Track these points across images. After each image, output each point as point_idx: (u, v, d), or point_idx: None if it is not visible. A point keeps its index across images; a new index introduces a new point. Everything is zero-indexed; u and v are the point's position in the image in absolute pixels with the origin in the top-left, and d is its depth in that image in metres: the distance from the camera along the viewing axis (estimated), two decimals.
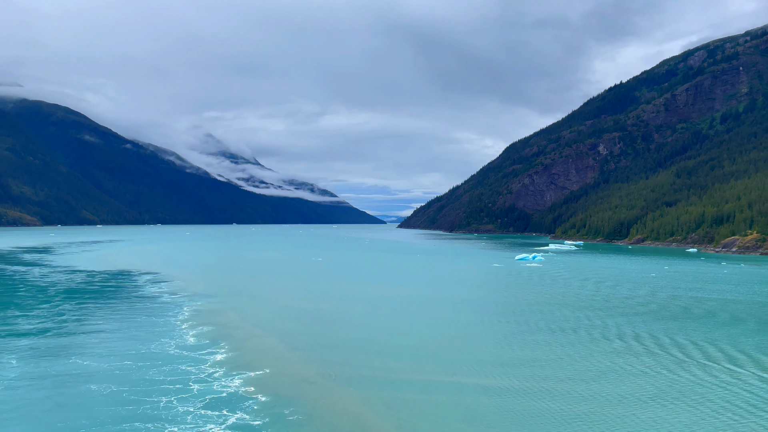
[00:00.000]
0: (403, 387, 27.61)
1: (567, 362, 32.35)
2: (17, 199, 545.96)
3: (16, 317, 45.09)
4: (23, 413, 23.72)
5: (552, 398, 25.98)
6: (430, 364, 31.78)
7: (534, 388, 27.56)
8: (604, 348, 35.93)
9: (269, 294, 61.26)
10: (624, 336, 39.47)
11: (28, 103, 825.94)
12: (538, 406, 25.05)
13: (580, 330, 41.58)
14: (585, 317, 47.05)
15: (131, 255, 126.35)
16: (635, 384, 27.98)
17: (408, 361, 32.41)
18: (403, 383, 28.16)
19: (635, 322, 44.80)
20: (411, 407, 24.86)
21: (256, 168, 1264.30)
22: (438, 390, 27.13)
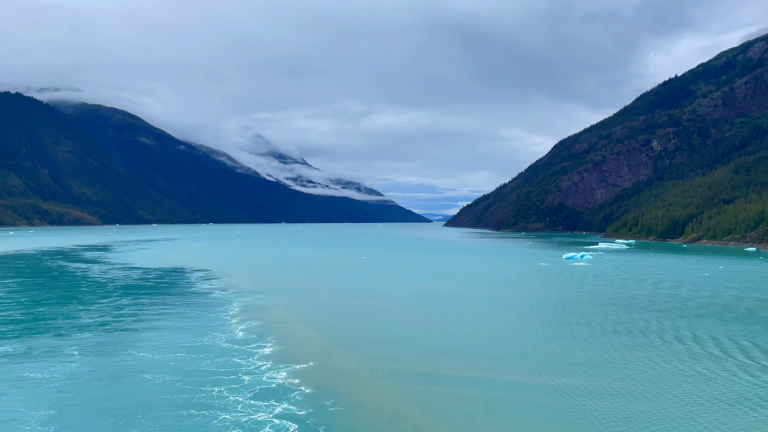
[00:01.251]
0: (441, 382, 28.12)
1: (612, 363, 32.09)
2: (78, 200, 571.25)
3: (78, 311, 47.78)
4: (84, 400, 25.39)
5: (592, 397, 25.95)
6: (469, 361, 32.12)
7: (573, 387, 27.56)
8: (644, 345, 35.41)
9: (315, 291, 62.62)
10: (664, 334, 38.75)
11: (88, 107, 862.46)
12: (574, 404, 25.11)
13: (619, 327, 41.01)
14: (627, 316, 46.29)
15: (184, 253, 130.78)
16: (691, 386, 27.61)
17: (447, 358, 32.85)
18: (440, 379, 28.68)
19: (676, 320, 43.82)
20: (447, 402, 25.35)
21: (303, 168, 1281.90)
22: (475, 386, 27.49)
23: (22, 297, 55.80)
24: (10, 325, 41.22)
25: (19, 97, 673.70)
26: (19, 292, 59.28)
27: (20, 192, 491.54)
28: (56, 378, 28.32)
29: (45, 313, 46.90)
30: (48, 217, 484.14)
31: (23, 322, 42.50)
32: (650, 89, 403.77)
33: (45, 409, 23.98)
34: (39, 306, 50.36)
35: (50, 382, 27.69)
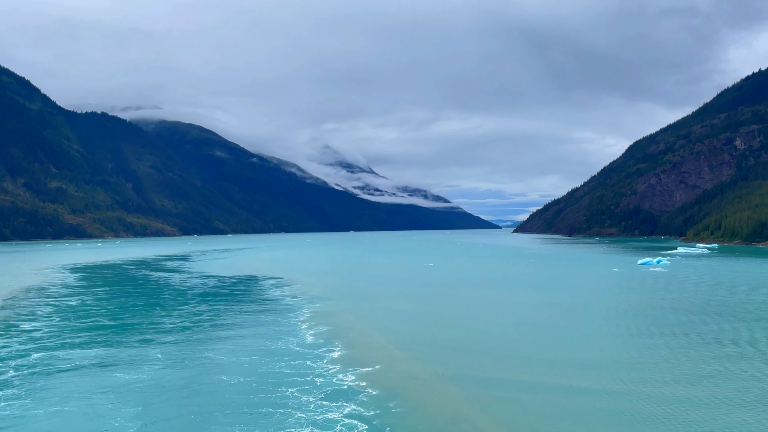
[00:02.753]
0: (504, 387, 28.33)
1: (675, 366, 31.13)
2: (159, 212, 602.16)
3: (161, 316, 50.96)
4: (167, 398, 27.35)
5: (653, 402, 25.41)
6: (533, 366, 32.05)
7: (639, 391, 27.07)
8: (717, 353, 34.00)
9: (381, 297, 63.70)
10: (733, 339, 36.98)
11: (167, 124, 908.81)
12: (639, 411, 24.68)
13: (692, 334, 39.45)
14: (701, 321, 44.39)
15: (257, 261, 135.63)
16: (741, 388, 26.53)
17: (510, 363, 32.92)
18: (503, 384, 28.89)
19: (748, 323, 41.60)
20: (509, 406, 25.61)
21: (370, 176, 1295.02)
22: (537, 392, 27.50)
23: (111, 304, 59.99)
24: (100, 330, 44.58)
25: (105, 116, 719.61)
26: (107, 300, 63.75)
27: (107, 206, 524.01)
28: (142, 378, 30.57)
29: (131, 318, 50.33)
30: (132, 229, 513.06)
31: (112, 328, 45.84)
32: (732, 85, 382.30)
33: (132, 407, 26.02)
34: (126, 312, 54.05)
35: (137, 382, 29.92)
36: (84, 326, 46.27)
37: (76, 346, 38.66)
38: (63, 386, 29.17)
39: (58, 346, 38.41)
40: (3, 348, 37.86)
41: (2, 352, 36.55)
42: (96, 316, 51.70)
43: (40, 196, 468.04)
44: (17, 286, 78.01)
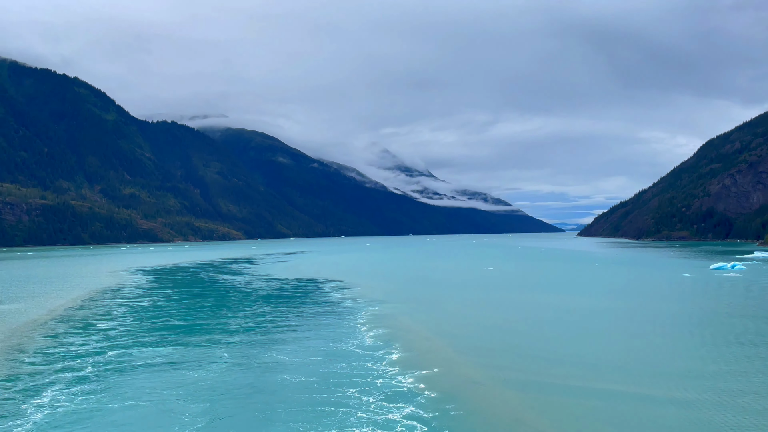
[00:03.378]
0: (564, 393, 27.80)
1: (753, 377, 29.58)
2: (225, 217, 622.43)
3: (227, 317, 52.83)
4: (233, 395, 28.43)
5: (725, 412, 24.27)
6: (595, 372, 31.29)
7: (710, 400, 25.92)
8: None
9: (440, 301, 63.59)
10: None
11: (232, 132, 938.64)
12: (706, 418, 23.66)
13: (757, 340, 37.32)
14: None
15: (318, 265, 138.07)
16: None
17: (572, 369, 32.24)
18: (564, 389, 28.34)
19: None
20: (569, 411, 25.15)
21: (429, 180, 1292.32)
22: (600, 398, 26.88)
23: (180, 305, 62.66)
24: (170, 330, 46.69)
25: (174, 125, 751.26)
26: (177, 301, 66.63)
27: (176, 211, 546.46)
28: (209, 376, 31.86)
29: (199, 319, 52.44)
30: (200, 233, 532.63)
31: (181, 327, 47.91)
32: None
33: (200, 403, 27.20)
34: (194, 313, 56.34)
35: (204, 379, 31.21)
36: (155, 326, 48.60)
37: (148, 344, 40.68)
38: (136, 382, 30.80)
39: (131, 345, 40.53)
40: (82, 345, 40.30)
41: (81, 350, 38.91)
42: (166, 316, 54.16)
43: (115, 202, 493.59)
44: (95, 288, 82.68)
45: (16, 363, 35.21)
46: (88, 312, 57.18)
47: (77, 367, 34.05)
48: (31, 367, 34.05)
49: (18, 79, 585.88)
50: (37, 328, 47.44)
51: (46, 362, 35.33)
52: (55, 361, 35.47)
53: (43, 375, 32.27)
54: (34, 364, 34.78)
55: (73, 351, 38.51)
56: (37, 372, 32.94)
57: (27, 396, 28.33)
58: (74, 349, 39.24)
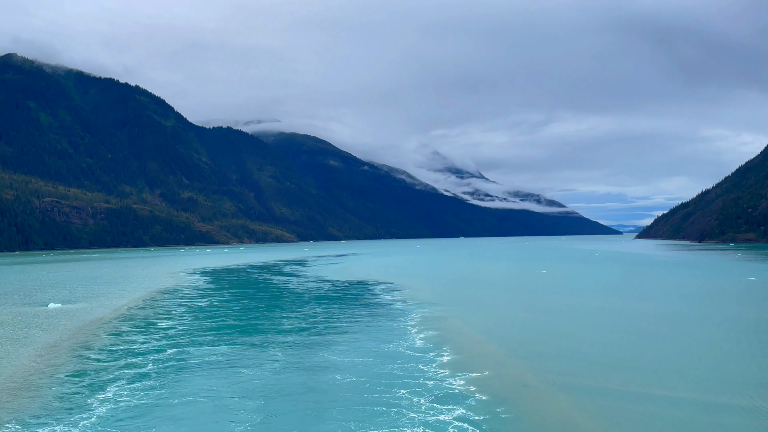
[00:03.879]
0: (618, 398, 27.22)
1: None
2: (278, 219, 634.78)
3: (281, 318, 53.96)
4: (286, 393, 29.08)
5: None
6: (652, 377, 30.39)
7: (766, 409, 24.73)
8: None
9: (491, 303, 62.97)
10: None
11: (285, 136, 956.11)
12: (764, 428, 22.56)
13: None
14: None
15: (369, 267, 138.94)
16: None
17: (628, 373, 31.42)
18: (617, 394, 27.73)
19: None
20: (624, 417, 24.61)
21: (480, 181, 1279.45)
22: (655, 404, 26.14)
23: (236, 305, 64.39)
24: (226, 329, 48.07)
25: (230, 130, 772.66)
26: (233, 301, 68.50)
27: (232, 214, 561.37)
28: (264, 374, 32.67)
29: (254, 319, 53.77)
30: (254, 235, 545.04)
31: (237, 327, 49.26)
32: None
33: (255, 400, 27.95)
34: (249, 313, 57.80)
35: (259, 377, 32.03)
36: (212, 325, 50.15)
37: (206, 343, 42.03)
38: (194, 379, 31.90)
39: (190, 343, 41.98)
40: (143, 344, 42.02)
41: (142, 348, 40.59)
42: (223, 316, 55.78)
43: (174, 206, 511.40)
44: (155, 288, 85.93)
45: (83, 359, 37.07)
46: (149, 311, 59.53)
47: (139, 364, 35.55)
48: (96, 364, 35.78)
49: (84, 88, 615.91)
50: (102, 327, 49.77)
51: (110, 359, 37.04)
52: (119, 358, 37.14)
53: (108, 371, 33.85)
54: (100, 361, 36.52)
55: (135, 349, 40.21)
56: (102, 368, 34.58)
57: (92, 391, 29.80)
58: (136, 346, 40.97)
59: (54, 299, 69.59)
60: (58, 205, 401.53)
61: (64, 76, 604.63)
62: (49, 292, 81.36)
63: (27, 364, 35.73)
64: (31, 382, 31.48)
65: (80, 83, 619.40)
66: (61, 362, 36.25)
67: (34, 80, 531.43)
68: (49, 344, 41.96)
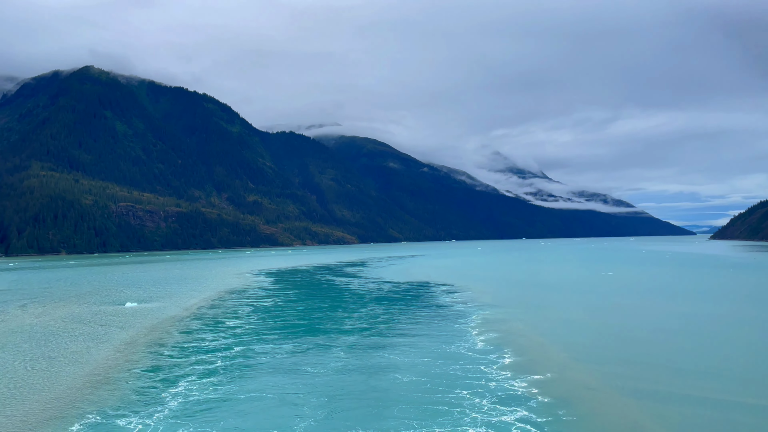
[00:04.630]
0: (684, 402, 26.32)
1: None
2: (340, 221, 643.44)
3: (343, 318, 54.89)
4: (348, 391, 29.67)
5: None
6: (719, 383, 29.19)
7: None
8: None
9: (554, 306, 61.69)
10: None
11: (345, 139, 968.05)
12: None
13: None
14: None
15: (429, 268, 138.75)
16: None
17: (694, 378, 30.30)
18: (684, 399, 26.81)
19: None
20: (689, 422, 23.84)
21: (543, 181, 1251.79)
22: (723, 409, 25.19)
23: (299, 305, 65.95)
24: (291, 329, 49.37)
25: (292, 135, 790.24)
26: (296, 302, 70.17)
27: (295, 216, 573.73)
28: (327, 372, 33.43)
29: (317, 319, 54.94)
30: (317, 237, 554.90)
31: (301, 326, 50.49)
32: None
33: (318, 396, 28.68)
34: (312, 313, 59.09)
35: (322, 374, 32.80)
36: (277, 325, 51.62)
37: (271, 341, 43.35)
38: (260, 376, 33.02)
39: (256, 341, 43.42)
40: (212, 341, 43.79)
41: (211, 345, 42.31)
42: (287, 316, 57.29)
43: (240, 209, 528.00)
44: (223, 288, 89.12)
45: (157, 355, 39.03)
46: (218, 311, 61.87)
47: (208, 360, 37.10)
48: (169, 360, 37.60)
49: (155, 97, 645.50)
50: (174, 325, 52.18)
51: (181, 355, 38.83)
52: (190, 355, 38.88)
53: (179, 367, 35.52)
54: (172, 357, 38.35)
55: (205, 346, 41.96)
56: (175, 364, 36.31)
57: (165, 385, 31.38)
58: (205, 344, 42.75)
59: (130, 299, 73.45)
60: (133, 209, 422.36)
61: (137, 86, 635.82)
62: (126, 292, 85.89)
63: (106, 359, 37.98)
64: (111, 376, 33.45)
65: (152, 92, 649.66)
66: (137, 358, 38.32)
67: (110, 91, 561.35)
68: (127, 341, 44.41)
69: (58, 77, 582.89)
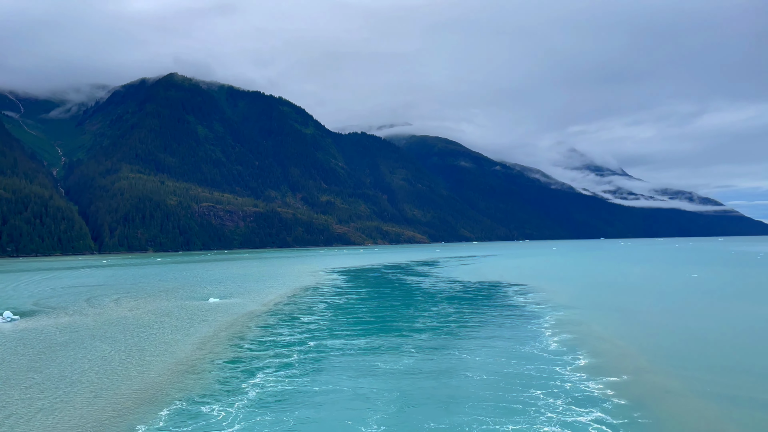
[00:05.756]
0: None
1: None
2: (410, 221, 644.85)
3: (414, 316, 55.42)
4: (419, 387, 30.16)
5: None
6: None
7: None
8: None
9: (633, 308, 59.50)
10: None
11: (416, 139, 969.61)
12: None
13: None
14: None
15: (501, 268, 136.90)
16: None
17: None
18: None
19: None
20: None
21: (623, 179, 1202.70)
22: None
23: (371, 303, 67.08)
24: (363, 325, 50.41)
25: (364, 135, 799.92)
26: (368, 299, 71.38)
27: (366, 216, 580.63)
28: (398, 368, 34.02)
29: (388, 316, 55.76)
30: (387, 236, 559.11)
31: (373, 323, 51.44)
32: None
33: (391, 391, 29.33)
34: (384, 311, 59.99)
35: (394, 370, 33.43)
36: (350, 321, 52.84)
37: (344, 337, 44.49)
38: (334, 369, 34.07)
39: (329, 336, 44.70)
40: (288, 336, 45.46)
41: (287, 339, 43.95)
42: (359, 313, 58.48)
43: (314, 209, 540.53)
44: (298, 286, 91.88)
45: (237, 348, 41.02)
46: (293, 307, 63.99)
47: (284, 354, 38.62)
48: (248, 352, 39.44)
49: (234, 102, 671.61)
50: (253, 319, 54.52)
51: (260, 349, 40.62)
52: (267, 348, 40.59)
53: (258, 359, 37.20)
54: (251, 350, 40.19)
55: (281, 340, 43.65)
56: (254, 356, 38.05)
57: (245, 376, 33.00)
58: (282, 338, 44.45)
59: (213, 294, 77.23)
60: (214, 209, 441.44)
61: (217, 91, 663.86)
62: (209, 288, 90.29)
63: (191, 351, 40.31)
64: (196, 366, 35.53)
65: (231, 97, 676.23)
66: (219, 350, 40.43)
67: (192, 96, 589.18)
68: (210, 334, 46.90)
69: (145, 84, 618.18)
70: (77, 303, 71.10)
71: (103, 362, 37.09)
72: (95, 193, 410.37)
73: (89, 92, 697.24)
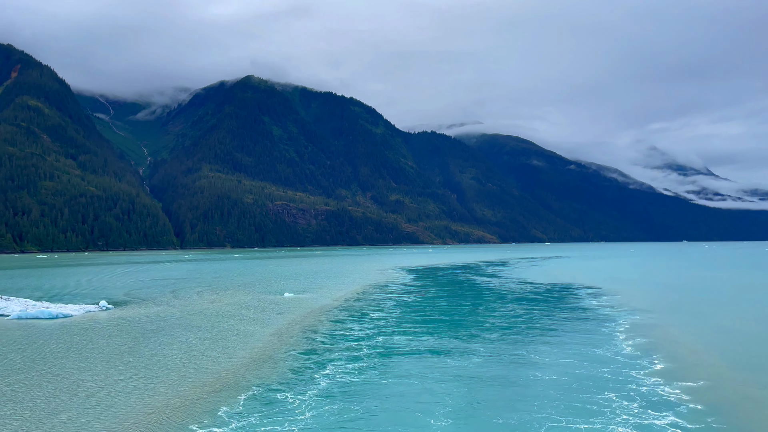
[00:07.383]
0: None
1: None
2: (480, 221, 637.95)
3: (483, 315, 55.48)
4: (488, 385, 30.47)
5: None
6: None
7: None
8: None
9: (714, 313, 56.97)
10: None
11: (487, 137, 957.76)
12: None
13: None
14: None
15: (574, 270, 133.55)
16: None
17: None
18: None
19: None
20: None
21: (708, 179, 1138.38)
22: None
23: (440, 302, 67.56)
24: (432, 323, 51.04)
25: (433, 134, 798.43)
26: (437, 298, 71.90)
27: (435, 215, 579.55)
28: (468, 367, 34.42)
29: (457, 315, 56.09)
30: (456, 236, 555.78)
31: (441, 322, 51.97)
32: None
33: (459, 387, 29.83)
34: (453, 310, 60.35)
35: (462, 368, 33.87)
36: (418, 319, 53.59)
37: (412, 334, 45.29)
38: (402, 365, 34.91)
39: (398, 333, 45.62)
40: (358, 331, 46.76)
41: (357, 334, 45.24)
42: (428, 311, 59.12)
43: (383, 208, 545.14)
44: (368, 283, 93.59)
45: (310, 340, 42.68)
46: (363, 303, 65.47)
47: (354, 347, 39.86)
48: (320, 345, 40.98)
49: (307, 102, 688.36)
50: (324, 314, 56.35)
51: (331, 342, 42.09)
52: (338, 342, 42.01)
53: (329, 352, 38.62)
54: (323, 343, 41.73)
55: (351, 334, 45.00)
56: (325, 349, 39.53)
57: (317, 367, 34.41)
58: (352, 332, 45.80)
59: (287, 289, 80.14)
60: (287, 207, 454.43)
61: (291, 93, 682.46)
62: (283, 283, 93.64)
63: (268, 341, 42.33)
64: (272, 356, 37.36)
65: (304, 98, 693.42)
66: (293, 341, 42.22)
67: (268, 97, 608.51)
68: (284, 326, 48.98)
69: (224, 87, 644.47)
70: (164, 294, 75.76)
71: (188, 349, 39.67)
72: (177, 191, 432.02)
73: (172, 95, 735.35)
